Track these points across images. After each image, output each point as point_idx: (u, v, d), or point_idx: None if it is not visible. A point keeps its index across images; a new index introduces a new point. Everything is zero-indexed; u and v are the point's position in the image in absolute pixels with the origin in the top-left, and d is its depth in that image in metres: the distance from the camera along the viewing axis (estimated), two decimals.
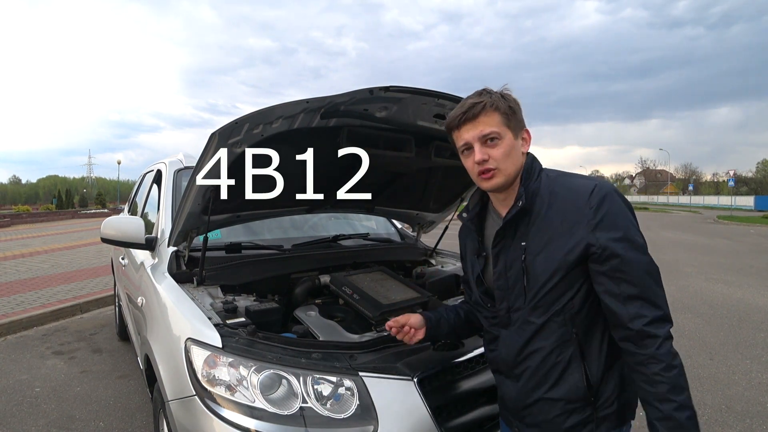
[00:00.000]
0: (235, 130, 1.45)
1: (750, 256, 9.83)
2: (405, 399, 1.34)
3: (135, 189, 4.20)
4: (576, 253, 1.04)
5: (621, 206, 1.05)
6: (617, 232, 1.02)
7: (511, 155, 1.10)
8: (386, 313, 1.78)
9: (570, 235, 1.04)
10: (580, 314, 1.07)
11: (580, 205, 1.05)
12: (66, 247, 10.66)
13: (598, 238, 1.02)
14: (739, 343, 4.17)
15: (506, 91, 1.14)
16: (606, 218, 1.02)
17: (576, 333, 1.07)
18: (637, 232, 1.05)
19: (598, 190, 1.04)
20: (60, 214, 27.84)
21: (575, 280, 1.06)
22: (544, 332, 1.09)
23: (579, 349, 1.08)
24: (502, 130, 1.09)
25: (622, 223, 1.03)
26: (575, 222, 1.04)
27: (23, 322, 4.66)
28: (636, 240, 1.03)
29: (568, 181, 1.11)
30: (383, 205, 2.52)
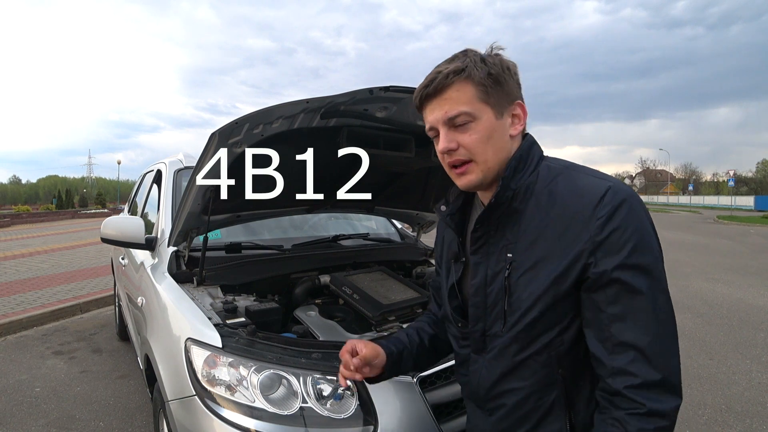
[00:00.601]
0: (235, 130, 1.45)
1: (750, 256, 9.83)
2: (405, 399, 1.34)
3: (135, 189, 4.20)
4: (570, 278, 0.79)
5: (641, 219, 0.78)
6: (629, 256, 0.76)
7: (491, 141, 0.85)
8: (386, 313, 1.79)
9: (567, 252, 0.80)
10: (570, 354, 0.84)
11: (585, 214, 0.79)
12: (66, 247, 10.65)
13: (599, 260, 0.77)
14: (739, 343, 4.17)
15: (495, 52, 0.86)
16: (616, 235, 0.76)
17: (563, 376, 0.84)
18: (657, 258, 0.78)
19: (611, 196, 0.78)
20: (60, 214, 27.83)
21: (567, 311, 0.82)
22: (524, 370, 0.86)
23: (565, 394, 0.85)
24: (475, 109, 0.83)
25: (638, 243, 0.76)
26: (576, 236, 0.79)
27: (23, 322, 4.66)
28: (653, 270, 0.77)
29: (573, 178, 0.84)
30: (383, 205, 2.52)
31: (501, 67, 0.85)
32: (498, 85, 0.84)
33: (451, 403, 1.41)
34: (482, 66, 0.83)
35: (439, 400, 1.39)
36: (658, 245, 0.80)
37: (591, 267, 0.78)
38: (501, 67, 0.85)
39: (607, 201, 0.78)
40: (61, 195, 48.85)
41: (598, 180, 0.82)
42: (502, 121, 0.86)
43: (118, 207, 34.15)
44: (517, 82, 0.88)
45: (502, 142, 0.86)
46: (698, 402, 3.01)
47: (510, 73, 0.86)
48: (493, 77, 0.83)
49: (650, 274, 0.77)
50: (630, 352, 0.76)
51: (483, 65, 0.83)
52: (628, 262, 0.76)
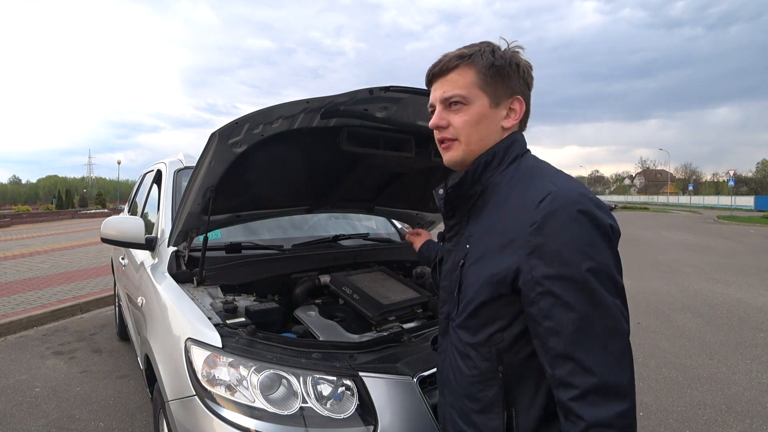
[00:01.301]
0: (236, 130, 1.45)
1: (750, 256, 9.83)
2: (405, 399, 1.34)
3: (135, 189, 4.19)
4: (504, 278, 0.80)
5: (580, 230, 0.75)
6: (561, 267, 0.74)
7: (479, 125, 0.89)
8: (386, 313, 1.78)
9: (504, 252, 0.81)
10: (510, 353, 0.84)
11: (523, 217, 0.80)
12: (66, 247, 10.65)
13: (533, 267, 0.77)
14: (739, 343, 4.17)
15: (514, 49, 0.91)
16: (550, 243, 0.75)
17: (502, 373, 0.84)
18: (594, 268, 0.74)
19: (549, 201, 0.77)
20: (60, 214, 27.83)
21: (506, 310, 0.83)
22: (469, 360, 0.89)
23: (503, 392, 0.84)
24: (471, 94, 0.88)
25: (573, 254, 0.74)
26: (513, 238, 0.80)
27: (23, 322, 4.65)
28: (588, 280, 0.74)
29: (530, 179, 0.85)
30: (383, 205, 2.52)
31: (507, 61, 0.89)
32: (499, 76, 0.88)
33: None
34: (489, 56, 0.88)
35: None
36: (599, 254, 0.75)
37: (523, 272, 0.78)
38: (507, 61, 0.89)
39: (544, 206, 0.77)
40: (61, 195, 48.84)
41: (546, 184, 0.82)
42: (496, 110, 0.90)
43: (118, 207, 34.16)
44: (524, 80, 0.92)
45: (490, 130, 0.90)
46: (698, 402, 3.01)
47: (516, 69, 0.90)
48: (496, 68, 0.88)
49: (587, 287, 0.74)
50: (568, 363, 0.75)
51: (490, 56, 0.88)
52: (558, 273, 0.75)
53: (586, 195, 0.79)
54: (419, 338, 1.58)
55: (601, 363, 0.73)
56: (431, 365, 1.42)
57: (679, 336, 4.36)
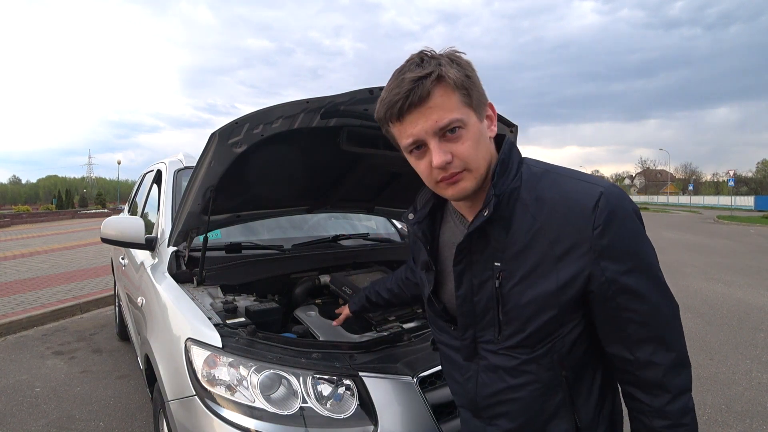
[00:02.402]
0: (236, 130, 1.45)
1: (750, 256, 9.82)
2: (405, 399, 1.34)
3: (135, 189, 4.20)
4: (575, 287, 0.79)
5: (634, 224, 0.78)
6: (631, 261, 0.77)
7: (480, 146, 0.80)
8: (386, 313, 1.79)
9: (565, 262, 0.78)
10: (571, 354, 0.84)
11: (580, 222, 0.77)
12: (66, 247, 10.65)
13: (605, 268, 0.77)
14: (739, 343, 4.17)
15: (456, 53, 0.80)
16: (616, 242, 0.76)
17: (566, 377, 0.85)
18: (652, 256, 0.80)
19: (605, 203, 0.76)
20: (60, 214, 27.83)
21: (571, 316, 0.82)
22: (527, 375, 0.85)
23: (569, 394, 0.86)
24: (464, 114, 0.77)
25: (637, 247, 0.78)
26: (573, 245, 0.77)
27: (23, 322, 4.65)
28: (652, 268, 0.80)
29: (560, 183, 0.81)
30: (383, 205, 2.52)
31: (470, 66, 0.80)
32: (474, 85, 0.79)
33: (451, 403, 1.40)
34: (457, 68, 0.77)
35: (439, 400, 1.39)
36: (649, 241, 0.82)
37: (596, 276, 0.78)
38: (470, 66, 0.80)
39: (602, 207, 0.76)
40: (61, 195, 48.84)
41: (587, 185, 0.79)
42: (483, 123, 0.82)
43: (118, 207, 34.16)
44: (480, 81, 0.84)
45: (486, 146, 0.83)
46: (698, 402, 3.01)
47: (475, 72, 0.81)
48: (470, 78, 0.78)
49: (652, 274, 0.80)
50: (649, 345, 0.80)
51: (458, 66, 0.77)
52: (633, 267, 0.78)
53: (622, 189, 0.83)
54: (419, 338, 1.58)
55: (675, 340, 0.82)
56: (431, 365, 1.42)
57: None
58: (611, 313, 0.80)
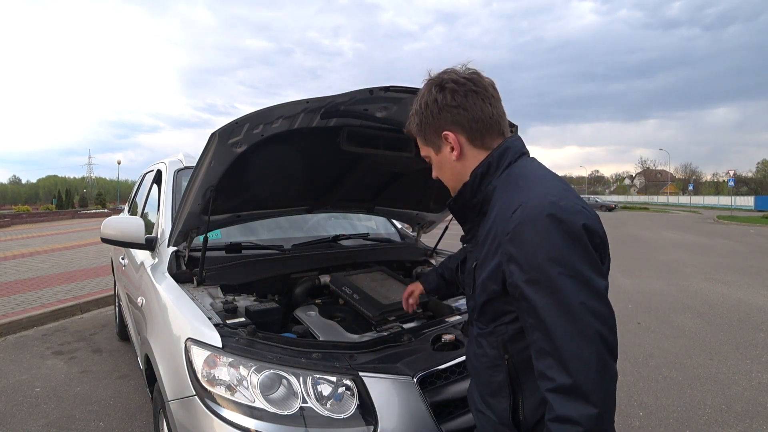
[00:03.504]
0: (236, 130, 1.45)
1: (750, 256, 9.83)
2: (405, 399, 1.34)
3: (135, 189, 4.20)
4: (496, 280, 0.90)
5: (544, 236, 0.80)
6: (532, 272, 0.81)
7: (443, 170, 1.06)
8: (386, 313, 1.79)
9: (494, 257, 0.90)
10: (514, 343, 0.93)
11: (501, 227, 0.88)
12: (66, 247, 10.65)
13: (511, 272, 0.85)
14: (739, 343, 4.17)
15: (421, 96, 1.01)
16: (521, 250, 0.83)
17: (508, 360, 0.94)
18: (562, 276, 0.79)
19: (519, 214, 0.84)
20: (60, 214, 27.83)
21: (505, 307, 0.93)
22: (480, 348, 1.01)
23: (509, 378, 0.95)
24: (425, 151, 1.07)
25: (539, 261, 0.80)
26: (498, 245, 0.89)
27: (23, 322, 4.65)
28: (555, 286, 0.79)
29: (513, 187, 0.92)
30: (383, 205, 2.52)
31: (422, 114, 1.01)
32: (425, 131, 1.02)
33: (451, 403, 1.41)
34: (414, 118, 1.04)
35: (439, 400, 1.39)
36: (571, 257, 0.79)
37: (507, 276, 0.87)
38: (422, 114, 1.01)
39: (515, 216, 0.85)
40: (61, 195, 48.83)
41: (520, 194, 0.88)
42: (442, 153, 1.03)
43: (118, 207, 34.16)
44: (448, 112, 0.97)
45: (451, 168, 1.03)
46: (698, 402, 3.01)
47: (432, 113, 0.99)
48: (419, 127, 1.03)
49: (553, 292, 0.79)
50: (548, 358, 0.81)
51: (415, 117, 1.03)
52: (529, 278, 0.82)
53: (556, 203, 0.83)
54: (419, 338, 1.58)
55: (574, 366, 0.78)
56: (431, 365, 1.42)
57: (679, 336, 4.36)
58: (521, 315, 0.88)
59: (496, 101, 0.99)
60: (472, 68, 0.99)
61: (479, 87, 0.97)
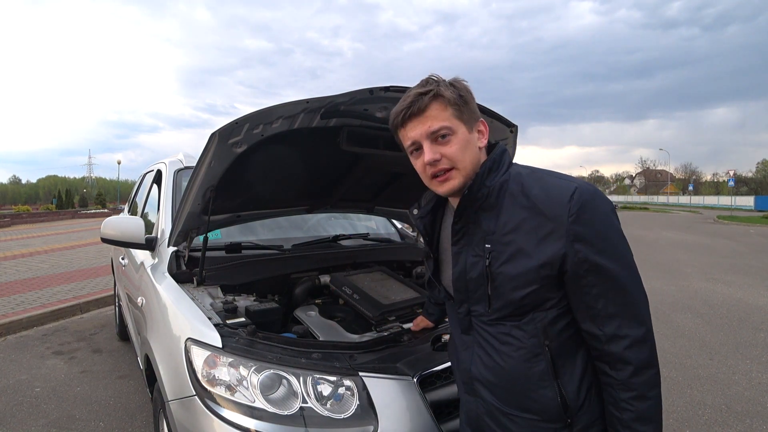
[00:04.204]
0: (236, 130, 1.45)
1: (750, 256, 9.82)
2: (405, 399, 1.34)
3: (135, 189, 4.20)
4: (553, 265, 0.92)
5: (606, 213, 0.93)
6: (600, 244, 0.90)
7: (467, 151, 0.98)
8: (386, 313, 1.79)
9: (545, 244, 0.92)
10: (554, 326, 0.95)
11: (558, 211, 0.91)
12: (66, 247, 10.65)
13: (578, 250, 0.90)
14: (739, 343, 4.17)
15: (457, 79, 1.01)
16: (588, 227, 0.90)
17: (548, 346, 0.95)
18: (622, 241, 0.94)
19: (578, 195, 0.91)
20: (60, 214, 27.82)
21: (551, 291, 0.94)
22: (512, 342, 0.98)
23: (551, 364, 0.95)
24: (454, 124, 0.97)
25: (606, 232, 0.92)
26: (551, 230, 0.91)
27: (23, 322, 4.65)
28: (620, 251, 0.92)
29: (542, 179, 0.97)
30: (383, 205, 2.52)
31: (465, 90, 1.00)
32: (466, 104, 0.99)
33: (451, 403, 1.41)
34: (453, 89, 0.98)
35: (439, 399, 1.39)
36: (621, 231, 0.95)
37: (570, 256, 0.91)
38: (465, 90, 1.00)
39: (576, 199, 0.91)
40: (61, 195, 48.84)
41: (565, 182, 0.95)
42: (473, 134, 1.01)
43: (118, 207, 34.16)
44: (475, 105, 1.03)
45: (475, 152, 1.00)
46: (698, 402, 3.01)
47: (471, 95, 1.01)
48: (462, 98, 0.98)
49: (621, 256, 0.92)
50: (616, 320, 0.91)
51: (453, 88, 0.98)
52: (603, 248, 0.91)
53: (596, 187, 0.97)
54: (419, 338, 1.58)
55: (642, 317, 0.92)
56: (431, 365, 1.42)
57: (679, 336, 4.36)
58: (584, 290, 0.92)
59: None
60: None
61: None
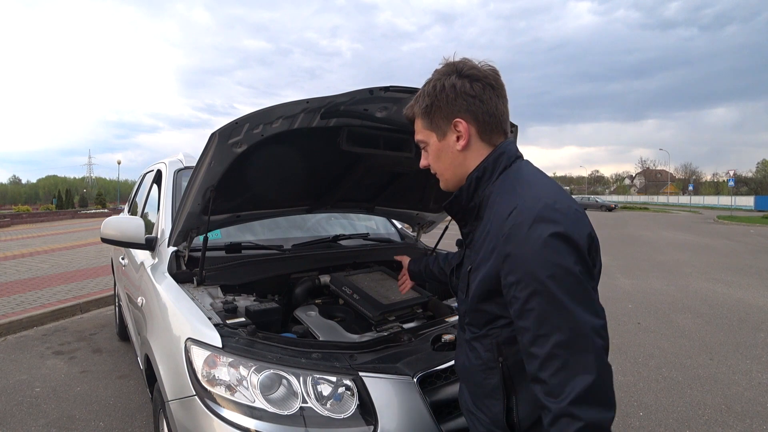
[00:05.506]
0: (236, 130, 1.45)
1: (750, 256, 9.83)
2: (405, 399, 1.34)
3: (135, 189, 4.20)
4: (490, 282, 0.90)
5: (536, 239, 0.80)
6: (522, 274, 0.81)
7: (441, 158, 1.02)
8: (386, 313, 1.79)
9: (490, 259, 0.90)
10: (509, 346, 0.92)
11: (497, 228, 0.89)
12: (66, 247, 10.65)
13: (505, 274, 0.85)
14: (739, 343, 4.17)
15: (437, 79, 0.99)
16: (514, 252, 0.83)
17: (503, 363, 0.94)
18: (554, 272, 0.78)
19: (514, 215, 0.85)
20: (60, 214, 27.83)
21: (501, 309, 0.91)
22: (475, 351, 1.00)
23: (503, 380, 0.94)
24: (425, 135, 1.03)
25: (532, 264, 0.80)
26: (493, 247, 0.89)
27: (23, 322, 4.65)
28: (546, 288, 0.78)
29: (506, 193, 0.93)
30: (383, 205, 2.52)
31: (435, 95, 0.98)
32: (434, 113, 0.99)
33: (451, 403, 1.41)
34: (420, 100, 1.01)
35: (439, 399, 1.39)
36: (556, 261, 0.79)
37: (501, 278, 0.87)
38: (435, 95, 0.98)
39: (510, 219, 0.85)
40: (61, 195, 48.84)
41: (515, 197, 0.89)
42: (446, 140, 1.00)
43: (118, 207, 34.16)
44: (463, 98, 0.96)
45: (451, 157, 1.01)
46: (698, 402, 3.01)
47: (447, 97, 0.96)
48: (428, 107, 0.99)
49: (544, 292, 0.78)
50: (536, 361, 0.81)
51: (421, 99, 1.01)
52: (521, 279, 0.82)
53: (550, 206, 0.83)
54: (419, 338, 1.58)
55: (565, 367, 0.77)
56: (431, 365, 1.42)
57: (679, 336, 4.36)
58: (513, 317, 0.86)
59: (506, 102, 1.01)
60: (491, 65, 0.99)
61: (497, 84, 0.98)
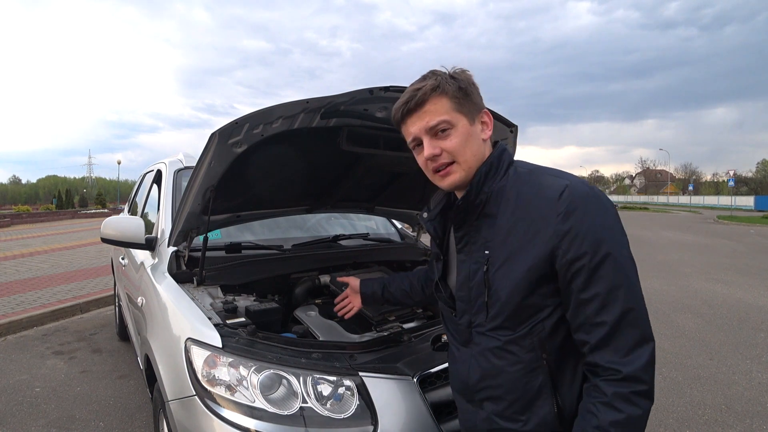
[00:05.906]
0: (236, 130, 1.45)
1: (750, 256, 9.82)
2: (405, 399, 1.34)
3: (135, 189, 4.20)
4: (541, 268, 0.89)
5: (598, 212, 0.87)
6: (588, 246, 0.85)
7: (469, 143, 0.96)
8: (386, 312, 1.79)
9: (534, 245, 0.89)
10: (552, 338, 0.91)
11: (546, 210, 0.88)
12: (66, 247, 10.65)
13: (566, 251, 0.86)
14: (739, 343, 4.17)
15: (458, 70, 0.98)
16: (575, 227, 0.85)
17: (546, 359, 0.92)
18: (617, 244, 0.87)
19: (568, 194, 0.87)
20: (60, 214, 27.83)
21: (546, 299, 0.91)
22: (510, 356, 0.94)
23: (550, 377, 0.92)
24: (453, 117, 0.94)
25: (597, 234, 0.85)
26: (540, 230, 0.88)
27: (23, 322, 4.66)
28: (614, 254, 0.85)
29: (537, 179, 0.94)
30: (383, 205, 2.52)
31: (467, 81, 0.97)
32: (467, 96, 0.96)
33: (451, 403, 1.40)
34: (452, 81, 0.95)
35: (439, 400, 1.39)
36: (618, 232, 0.88)
37: (558, 257, 0.87)
38: (467, 81, 0.97)
39: (565, 197, 0.87)
40: (61, 195, 48.86)
41: (557, 179, 0.92)
42: (475, 126, 0.98)
43: (118, 207, 34.16)
44: (480, 95, 1.00)
45: (477, 144, 0.98)
46: (698, 402, 3.01)
47: (474, 87, 0.98)
48: (463, 90, 0.95)
49: (611, 259, 0.85)
50: (603, 328, 0.85)
51: (453, 81, 0.95)
52: (587, 250, 0.85)
53: (592, 185, 0.92)
54: (419, 338, 1.58)
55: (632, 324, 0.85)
56: (431, 365, 1.42)
57: (679, 336, 4.36)
58: (573, 293, 0.87)
59: None
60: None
61: None
